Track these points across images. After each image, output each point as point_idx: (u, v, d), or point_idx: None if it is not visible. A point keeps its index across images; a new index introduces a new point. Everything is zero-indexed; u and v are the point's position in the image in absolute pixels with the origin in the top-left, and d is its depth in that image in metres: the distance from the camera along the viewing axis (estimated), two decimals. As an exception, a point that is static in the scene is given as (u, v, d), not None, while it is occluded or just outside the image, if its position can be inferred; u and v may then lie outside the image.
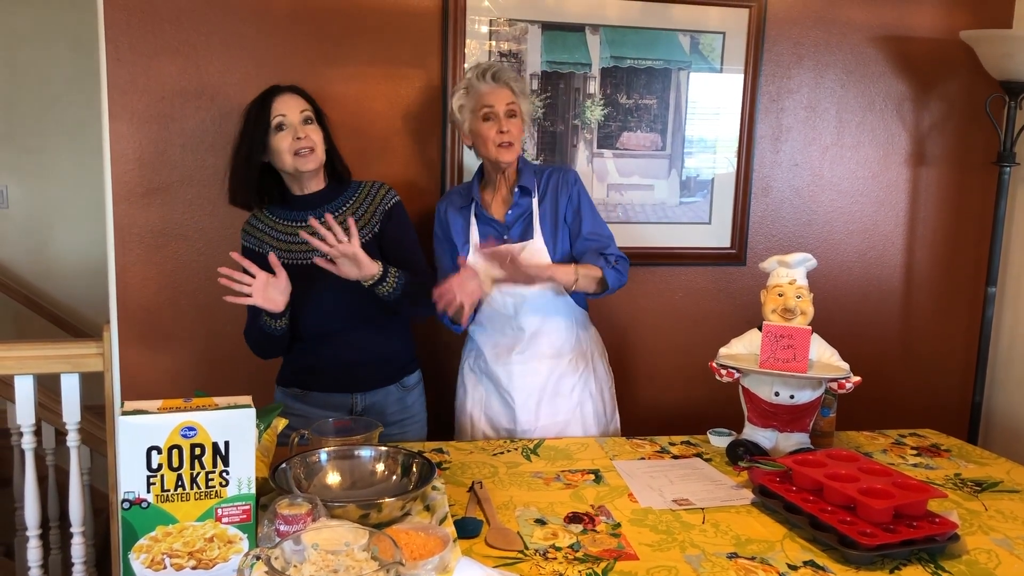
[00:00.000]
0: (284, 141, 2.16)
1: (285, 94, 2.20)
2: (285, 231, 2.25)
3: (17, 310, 4.49)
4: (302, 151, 2.16)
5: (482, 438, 2.40)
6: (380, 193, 2.31)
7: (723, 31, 2.82)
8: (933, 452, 2.24)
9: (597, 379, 2.49)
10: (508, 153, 2.30)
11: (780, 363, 2.02)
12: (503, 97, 2.29)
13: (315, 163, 2.19)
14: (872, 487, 1.72)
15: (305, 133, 2.16)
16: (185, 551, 1.45)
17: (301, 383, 2.30)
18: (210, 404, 1.47)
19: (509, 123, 2.28)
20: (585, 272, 2.24)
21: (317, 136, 2.19)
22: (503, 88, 2.29)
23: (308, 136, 2.17)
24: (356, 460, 1.83)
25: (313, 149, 2.17)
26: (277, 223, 2.26)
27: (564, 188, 2.35)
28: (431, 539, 1.52)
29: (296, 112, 2.17)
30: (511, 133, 2.28)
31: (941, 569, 1.58)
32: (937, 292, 3.16)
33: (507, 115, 2.29)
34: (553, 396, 2.40)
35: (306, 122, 2.19)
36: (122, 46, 2.46)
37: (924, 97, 3.03)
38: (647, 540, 1.67)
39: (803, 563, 1.59)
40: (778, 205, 2.99)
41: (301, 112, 2.18)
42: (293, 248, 2.23)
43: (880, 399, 2.98)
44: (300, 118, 2.18)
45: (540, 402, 2.39)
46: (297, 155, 2.16)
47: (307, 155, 2.17)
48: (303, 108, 2.19)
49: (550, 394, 2.40)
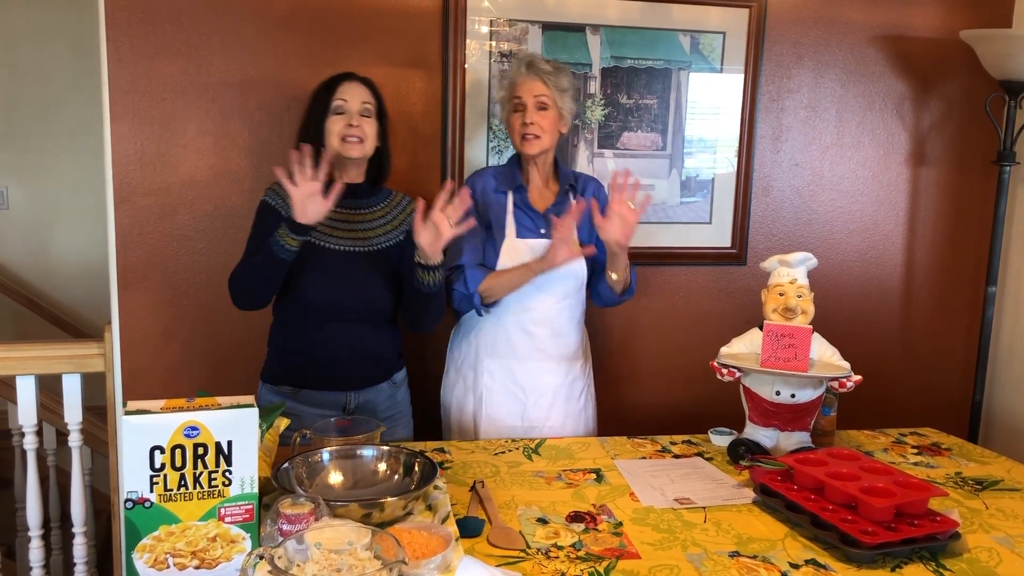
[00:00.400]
0: (337, 124, 2.20)
1: (353, 82, 2.24)
2: None
3: (17, 311, 4.49)
4: (351, 138, 2.20)
5: (483, 436, 2.40)
6: (410, 208, 2.35)
7: (723, 31, 2.82)
8: (934, 451, 2.25)
9: (592, 380, 2.53)
10: (530, 146, 2.30)
11: (781, 362, 2.03)
12: (533, 88, 2.29)
13: (360, 153, 2.22)
14: (873, 486, 1.72)
15: (359, 123, 2.20)
16: (188, 550, 1.45)
17: (293, 381, 2.28)
18: (213, 404, 1.47)
19: (536, 115, 2.28)
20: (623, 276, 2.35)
21: (371, 129, 2.23)
22: (535, 80, 2.29)
23: (361, 126, 2.20)
24: (358, 460, 1.83)
25: (362, 140, 2.21)
26: None
27: (598, 195, 2.42)
28: (434, 538, 1.52)
29: (357, 101, 2.22)
30: (536, 126, 2.28)
31: (942, 567, 1.58)
32: (937, 291, 3.16)
33: (536, 107, 2.28)
34: (567, 399, 2.44)
35: (364, 113, 2.22)
36: (123, 46, 2.47)
37: (924, 97, 3.04)
38: (649, 539, 1.67)
39: (805, 562, 1.59)
40: (778, 205, 2.99)
41: (362, 103, 2.22)
42: (317, 226, 2.19)
43: (880, 398, 2.99)
44: (359, 108, 2.22)
45: (553, 403, 2.41)
46: (345, 141, 2.20)
47: (354, 143, 2.20)
48: (365, 99, 2.23)
49: (564, 396, 2.43)
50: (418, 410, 2.48)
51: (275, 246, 2.09)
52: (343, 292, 2.20)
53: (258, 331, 2.35)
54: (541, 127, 2.29)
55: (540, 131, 2.29)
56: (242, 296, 2.23)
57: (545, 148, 2.34)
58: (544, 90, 2.29)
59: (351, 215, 2.27)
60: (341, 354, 2.25)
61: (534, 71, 2.30)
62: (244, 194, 2.59)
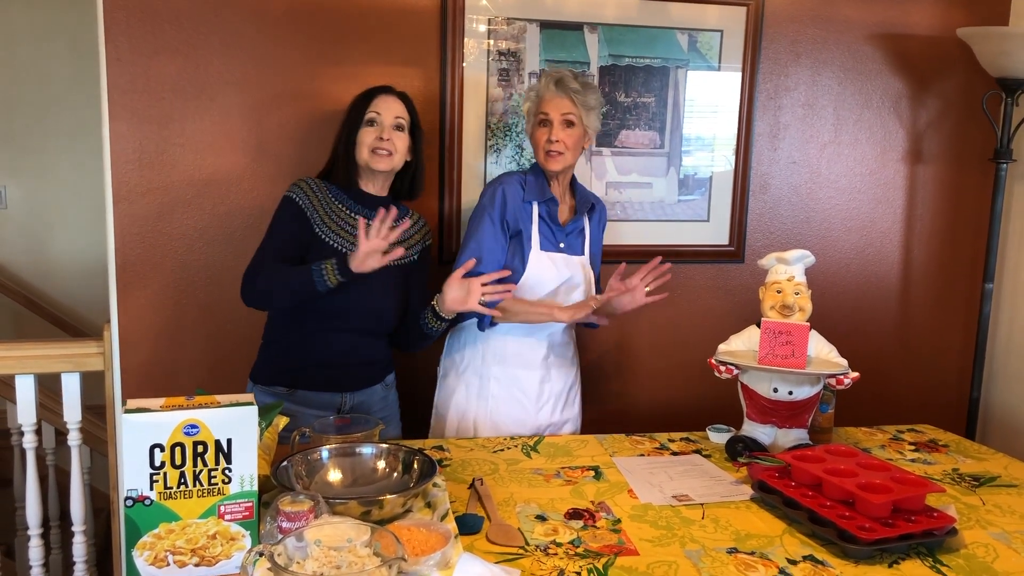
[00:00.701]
0: (368, 136, 2.23)
1: (389, 96, 2.27)
2: (337, 212, 2.27)
3: (16, 311, 4.50)
4: (380, 151, 2.22)
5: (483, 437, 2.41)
6: (424, 230, 2.42)
7: (721, 29, 2.83)
8: (931, 447, 2.25)
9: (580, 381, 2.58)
10: (554, 162, 2.32)
11: (779, 359, 2.03)
12: (561, 106, 2.30)
13: (388, 166, 2.24)
14: (871, 482, 1.73)
15: (390, 136, 2.22)
16: (188, 548, 1.46)
17: (287, 382, 2.28)
18: (212, 402, 1.48)
19: (562, 132, 2.30)
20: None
21: (401, 144, 2.25)
22: (563, 97, 2.30)
23: (392, 140, 2.22)
24: (357, 457, 1.83)
25: (391, 154, 2.23)
26: (332, 201, 2.28)
27: (602, 219, 2.52)
28: (433, 535, 1.53)
29: (391, 115, 2.24)
30: (561, 143, 2.30)
31: (939, 563, 1.59)
32: (935, 288, 3.17)
33: (563, 124, 2.30)
34: (568, 404, 2.47)
35: (397, 127, 2.25)
36: (122, 46, 2.47)
37: (921, 94, 3.04)
38: (647, 536, 1.68)
39: (802, 558, 1.60)
40: (776, 202, 3.00)
41: (396, 117, 2.25)
42: (339, 231, 2.25)
43: (878, 395, 3.00)
44: (393, 122, 2.24)
45: (555, 410, 2.44)
46: (374, 153, 2.22)
47: (383, 156, 2.22)
48: (399, 114, 2.25)
49: (564, 402, 2.46)
50: (406, 412, 2.49)
51: (316, 276, 2.10)
52: (354, 302, 2.21)
53: (257, 331, 2.35)
54: (566, 144, 2.30)
55: (564, 148, 2.30)
56: (258, 299, 2.21)
57: (568, 164, 2.35)
58: (572, 108, 2.30)
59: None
60: (340, 357, 2.26)
61: (563, 88, 2.30)
62: (243, 193, 2.60)
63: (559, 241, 2.38)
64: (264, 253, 2.22)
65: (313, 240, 2.22)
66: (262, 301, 2.22)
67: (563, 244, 2.38)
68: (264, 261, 2.20)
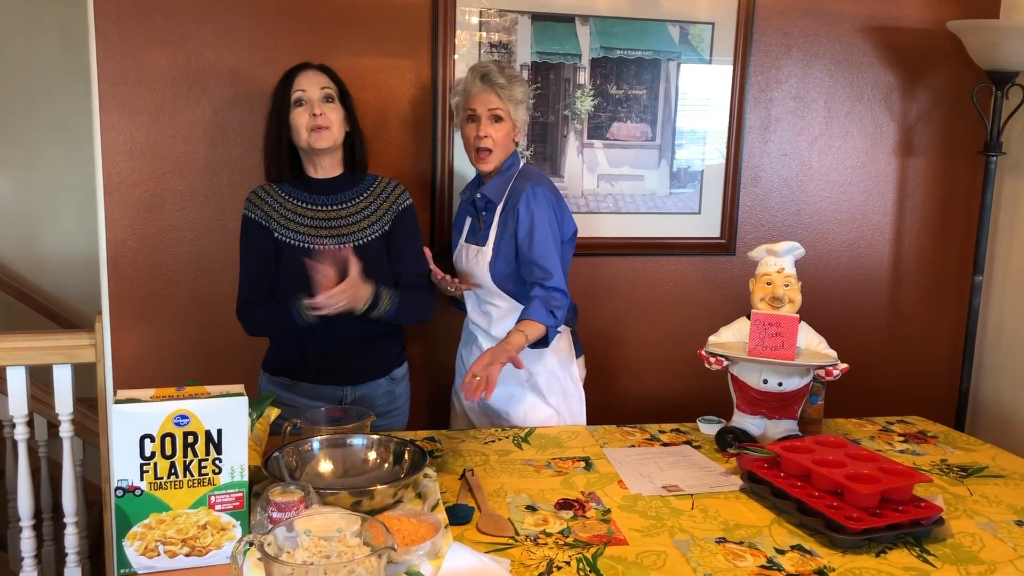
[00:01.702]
0: (301, 117, 2.17)
1: (308, 71, 2.21)
2: (294, 210, 2.24)
3: (7, 303, 4.48)
4: (317, 128, 2.16)
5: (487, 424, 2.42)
6: (396, 192, 2.32)
7: (712, 22, 2.83)
8: (920, 439, 2.27)
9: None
10: (484, 163, 2.32)
11: (768, 351, 2.04)
12: (488, 101, 2.29)
13: (329, 141, 2.18)
14: (859, 472, 1.74)
15: (322, 111, 2.16)
16: (178, 538, 1.46)
17: (290, 372, 2.29)
18: (202, 392, 1.48)
19: (490, 127, 2.28)
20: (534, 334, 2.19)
21: (335, 115, 2.19)
22: (489, 92, 2.29)
23: (324, 114, 2.16)
24: (348, 448, 1.84)
25: (328, 127, 2.17)
26: (286, 200, 2.25)
27: (524, 204, 2.28)
28: (423, 525, 1.53)
29: (316, 88, 2.18)
30: (489, 139, 2.28)
31: (926, 552, 1.60)
32: (924, 281, 3.19)
33: (491, 119, 2.29)
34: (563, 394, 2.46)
35: (326, 100, 2.19)
36: (112, 37, 2.46)
37: (912, 87, 3.05)
38: (637, 526, 1.69)
39: (791, 547, 1.61)
40: (767, 195, 3.01)
41: (322, 89, 2.19)
42: (301, 229, 2.22)
43: (867, 387, 3.01)
44: (320, 95, 2.18)
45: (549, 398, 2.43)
46: (313, 132, 2.17)
47: (321, 132, 2.17)
48: (324, 85, 2.20)
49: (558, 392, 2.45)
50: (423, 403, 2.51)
51: (295, 315, 2.10)
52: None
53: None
54: (494, 140, 2.29)
55: (493, 144, 2.29)
56: (255, 333, 2.27)
57: (499, 162, 2.34)
58: (498, 103, 2.29)
59: (331, 211, 2.25)
60: (338, 348, 2.25)
61: (488, 83, 2.29)
62: (234, 184, 2.59)
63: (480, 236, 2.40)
64: (244, 280, 2.24)
65: (278, 246, 2.20)
66: (260, 334, 2.29)
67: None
68: (245, 290, 2.23)
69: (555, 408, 2.42)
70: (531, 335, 2.18)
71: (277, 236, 2.20)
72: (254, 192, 2.27)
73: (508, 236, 2.32)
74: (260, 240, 2.21)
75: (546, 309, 2.21)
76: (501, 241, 2.33)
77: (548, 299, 2.22)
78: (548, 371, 2.41)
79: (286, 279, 2.18)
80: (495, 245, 2.34)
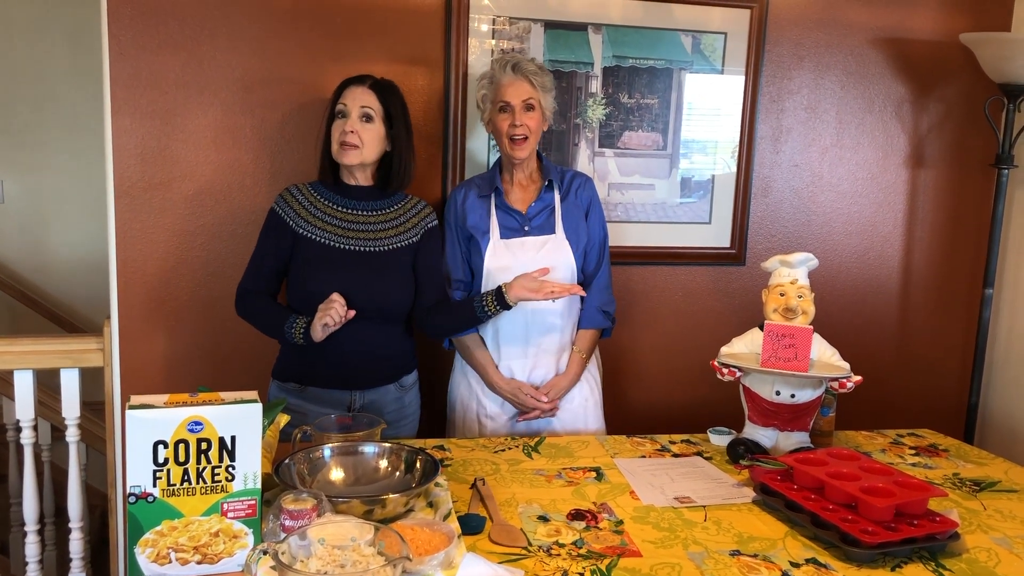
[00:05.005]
0: (336, 129, 2.23)
1: (357, 87, 2.25)
2: (323, 209, 2.28)
3: (13, 306, 4.47)
4: (345, 144, 2.20)
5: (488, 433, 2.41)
6: (425, 212, 2.37)
7: (724, 31, 2.83)
8: (931, 452, 2.26)
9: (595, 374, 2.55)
10: (520, 149, 2.33)
11: (781, 362, 2.03)
12: (521, 91, 2.31)
13: (355, 159, 2.22)
14: (873, 486, 1.73)
15: (354, 128, 2.20)
16: (190, 545, 1.45)
17: (299, 378, 2.29)
18: (216, 399, 1.47)
19: (524, 116, 2.31)
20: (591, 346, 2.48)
21: (368, 135, 2.22)
22: (522, 81, 2.31)
23: (356, 132, 2.20)
24: (359, 456, 1.83)
25: (357, 147, 2.21)
26: (316, 200, 2.29)
27: (584, 189, 2.44)
28: (436, 535, 1.52)
29: (356, 106, 2.22)
30: (525, 127, 2.31)
31: (942, 567, 1.59)
32: (935, 293, 3.17)
33: (524, 108, 2.31)
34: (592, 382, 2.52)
35: (365, 119, 2.22)
36: (125, 41, 2.46)
37: (923, 99, 3.05)
38: (650, 537, 1.68)
39: (805, 560, 1.60)
40: (777, 206, 3.00)
41: (361, 107, 2.22)
42: (325, 227, 2.26)
43: (878, 399, 3.00)
44: (359, 113, 2.21)
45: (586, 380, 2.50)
46: (341, 146, 2.21)
47: (348, 150, 2.20)
48: (365, 104, 2.22)
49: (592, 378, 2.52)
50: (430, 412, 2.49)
51: (287, 330, 2.18)
52: (350, 291, 2.19)
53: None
54: (529, 128, 2.32)
55: (528, 132, 2.32)
56: (244, 318, 2.33)
57: (532, 149, 2.38)
58: (531, 91, 2.32)
59: (359, 216, 2.29)
60: (348, 353, 2.24)
61: (520, 72, 2.32)
62: (246, 189, 2.59)
63: (523, 225, 2.38)
64: (251, 267, 2.31)
65: (297, 241, 2.25)
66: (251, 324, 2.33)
67: (528, 227, 2.38)
68: (249, 277, 2.31)
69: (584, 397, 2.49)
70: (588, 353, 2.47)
71: (300, 232, 2.25)
72: (287, 189, 2.33)
73: (579, 219, 2.42)
74: (279, 237, 2.26)
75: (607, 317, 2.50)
76: (577, 224, 2.41)
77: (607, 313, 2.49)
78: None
79: (297, 271, 2.23)
80: (572, 229, 2.40)
